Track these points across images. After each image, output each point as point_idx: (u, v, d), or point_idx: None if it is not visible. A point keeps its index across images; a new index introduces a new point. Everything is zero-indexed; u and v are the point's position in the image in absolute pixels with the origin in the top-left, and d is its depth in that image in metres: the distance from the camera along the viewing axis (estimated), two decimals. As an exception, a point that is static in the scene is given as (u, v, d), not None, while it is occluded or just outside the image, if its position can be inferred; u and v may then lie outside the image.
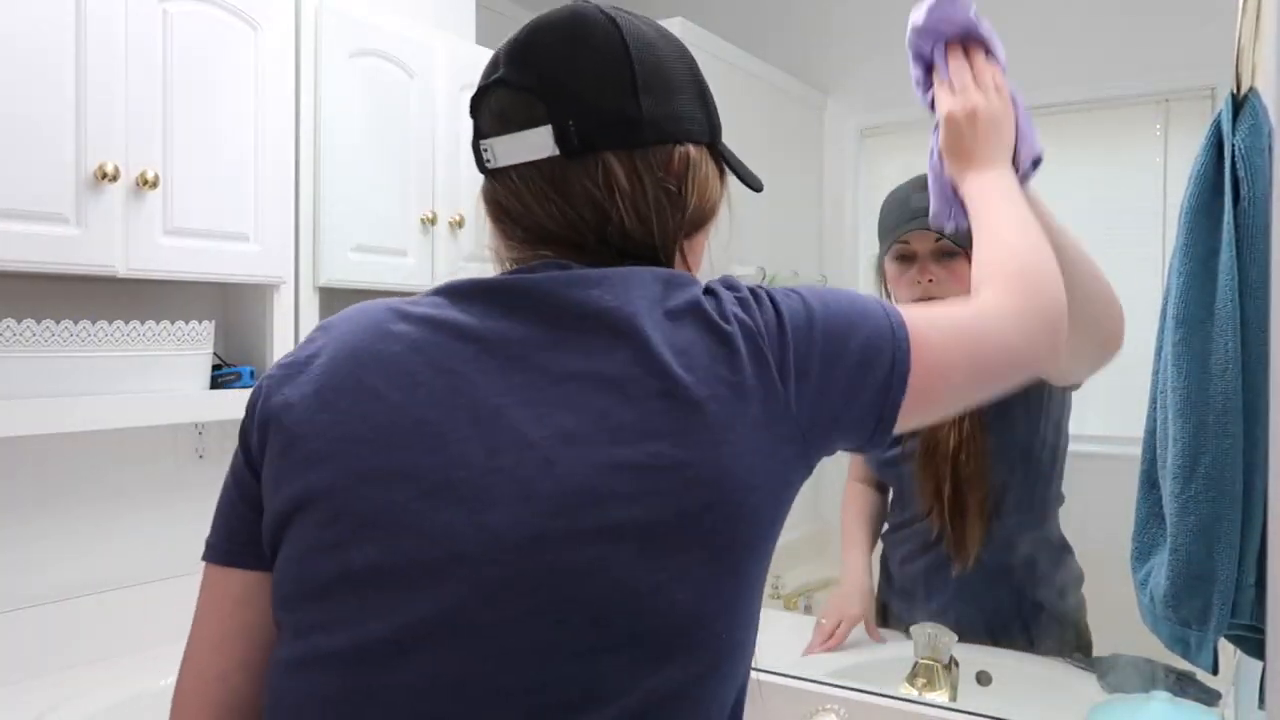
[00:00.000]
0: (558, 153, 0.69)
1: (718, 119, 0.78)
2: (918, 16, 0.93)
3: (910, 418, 0.70)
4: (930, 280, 1.37)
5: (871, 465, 1.51)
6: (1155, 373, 0.94)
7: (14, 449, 1.42)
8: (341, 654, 0.62)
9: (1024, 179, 0.91)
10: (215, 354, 1.53)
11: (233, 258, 1.49)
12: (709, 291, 0.69)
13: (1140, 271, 1.88)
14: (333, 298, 1.68)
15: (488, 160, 0.73)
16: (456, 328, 0.67)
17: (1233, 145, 0.83)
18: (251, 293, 1.60)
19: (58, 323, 1.28)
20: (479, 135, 0.74)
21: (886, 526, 1.52)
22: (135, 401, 1.37)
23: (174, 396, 1.42)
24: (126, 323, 1.36)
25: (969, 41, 0.93)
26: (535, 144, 0.70)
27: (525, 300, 0.67)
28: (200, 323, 1.46)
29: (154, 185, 1.34)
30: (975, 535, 1.35)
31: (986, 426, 1.34)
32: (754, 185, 0.81)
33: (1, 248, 1.20)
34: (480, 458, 0.62)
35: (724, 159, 0.78)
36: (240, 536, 0.70)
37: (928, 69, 0.95)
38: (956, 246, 1.36)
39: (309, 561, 0.64)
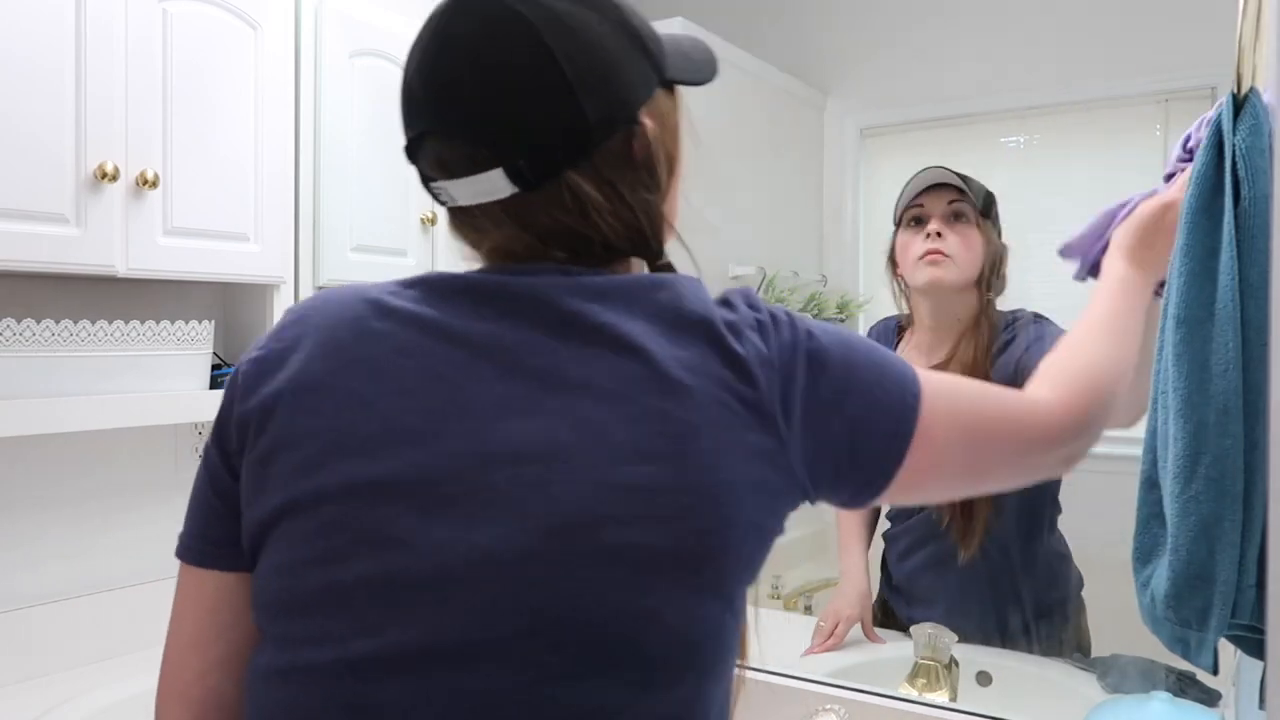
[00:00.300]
0: (517, 190, 0.65)
1: (658, 48, 0.71)
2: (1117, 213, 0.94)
3: (903, 490, 0.68)
4: (939, 235, 1.39)
5: None
6: (1155, 373, 0.94)
7: (14, 449, 1.42)
8: (327, 667, 0.60)
9: (1157, 292, 0.92)
10: (215, 354, 1.53)
11: (233, 258, 1.49)
12: (726, 303, 0.66)
13: (1140, 271, 1.89)
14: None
15: (445, 201, 0.69)
16: (445, 330, 0.63)
17: (1233, 145, 0.83)
18: (251, 293, 1.60)
19: (58, 323, 1.28)
20: (426, 179, 0.69)
21: (888, 525, 1.52)
22: (135, 401, 1.37)
23: (174, 396, 1.42)
24: (126, 323, 1.36)
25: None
26: (490, 187, 0.65)
27: (520, 304, 0.64)
28: (200, 323, 1.46)
29: (154, 185, 1.34)
30: (981, 523, 1.36)
31: None
32: (706, 77, 0.76)
33: (1, 248, 1.20)
34: (473, 472, 0.60)
35: (678, 82, 0.73)
36: (215, 536, 0.68)
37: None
38: (969, 210, 1.39)
39: (295, 574, 0.62)
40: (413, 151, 0.69)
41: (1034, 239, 2.08)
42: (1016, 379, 1.31)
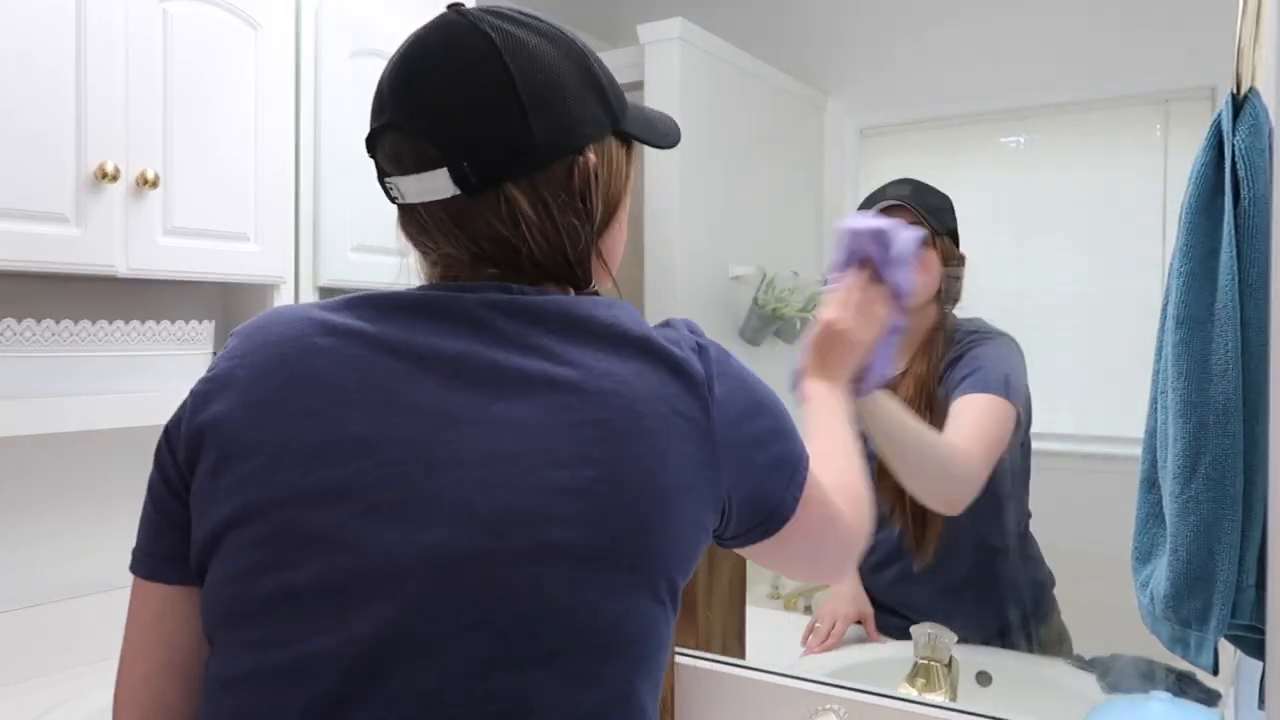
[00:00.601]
0: (459, 192, 0.69)
1: (618, 101, 0.76)
2: (849, 225, 1.05)
3: (779, 544, 0.74)
4: None
5: None
6: (1155, 373, 0.94)
7: (14, 449, 1.42)
8: (284, 668, 0.62)
9: (863, 392, 1.04)
10: (215, 354, 1.53)
11: (233, 258, 1.49)
12: (667, 324, 0.71)
13: (1140, 272, 1.88)
14: (333, 297, 1.68)
15: (395, 197, 0.74)
16: (388, 343, 0.67)
17: (1233, 145, 0.83)
18: (251, 293, 1.60)
19: (58, 322, 1.28)
20: (382, 174, 0.74)
21: None
22: (135, 401, 1.37)
23: (174, 396, 1.42)
24: (126, 323, 1.36)
25: (880, 270, 1.03)
26: (435, 186, 0.70)
27: (460, 319, 0.67)
28: (200, 323, 1.46)
29: (154, 185, 1.34)
30: (935, 530, 1.36)
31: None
32: (664, 145, 0.81)
33: (1, 248, 1.20)
34: (419, 476, 0.63)
35: (631, 135, 0.77)
36: (161, 552, 0.71)
37: (844, 265, 1.05)
38: (929, 234, 1.37)
39: (247, 579, 0.64)
40: (372, 144, 0.74)
41: (1033, 239, 2.08)
42: (946, 402, 1.33)
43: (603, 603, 0.63)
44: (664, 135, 0.81)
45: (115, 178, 1.29)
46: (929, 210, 1.42)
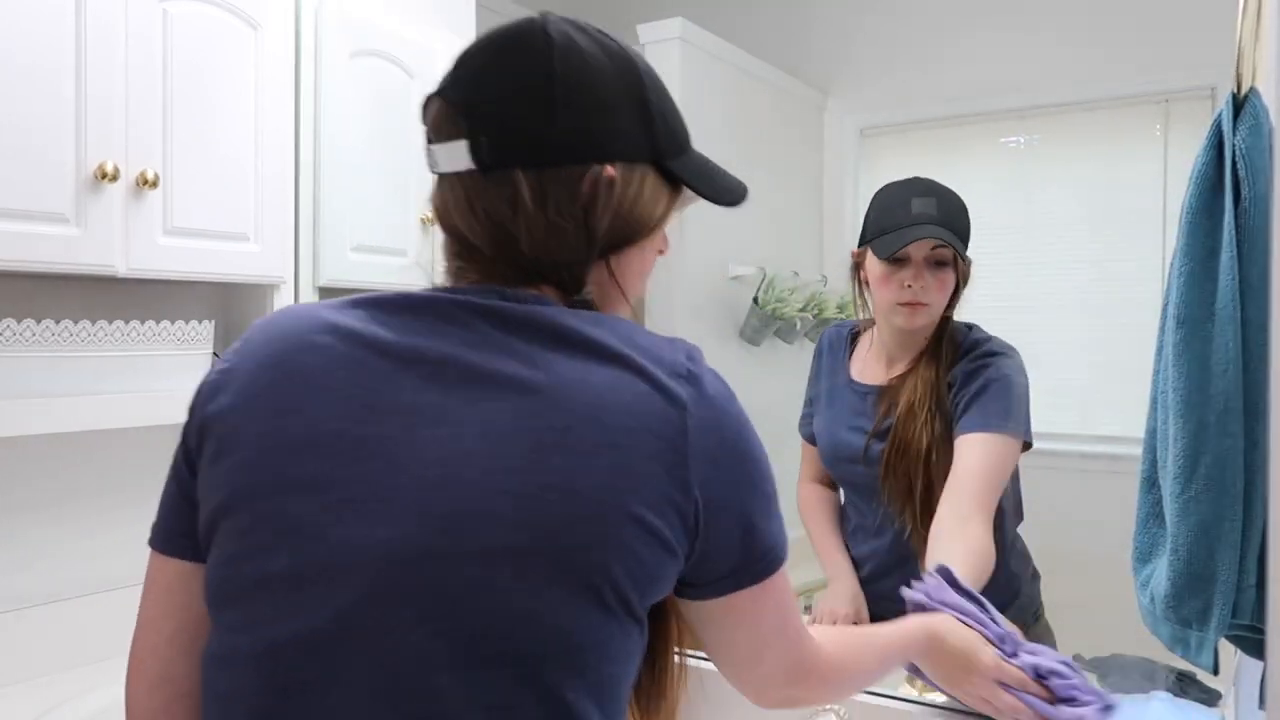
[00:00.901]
0: (474, 167, 0.72)
1: (670, 139, 0.77)
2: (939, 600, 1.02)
3: (716, 615, 0.74)
4: (921, 285, 1.36)
5: (826, 463, 1.50)
6: (1156, 373, 0.94)
7: (14, 448, 1.42)
8: (257, 653, 0.66)
9: (911, 674, 1.03)
10: (215, 354, 1.53)
11: (233, 258, 1.49)
12: (668, 343, 0.70)
13: (1140, 271, 1.89)
14: (332, 297, 1.68)
15: (431, 165, 0.77)
16: (377, 344, 0.69)
17: (1233, 145, 0.83)
18: (251, 293, 1.60)
19: (58, 323, 1.28)
20: (427, 140, 0.77)
21: (849, 535, 1.52)
22: (135, 401, 1.37)
23: (174, 396, 1.42)
24: (126, 323, 1.36)
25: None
26: (457, 157, 0.73)
27: (452, 322, 0.69)
28: (200, 323, 1.46)
29: (154, 185, 1.34)
30: None
31: (951, 429, 1.34)
32: (720, 201, 0.81)
33: (1, 248, 1.20)
34: (382, 473, 0.65)
35: (678, 177, 0.78)
36: (177, 528, 0.74)
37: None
38: (950, 256, 1.36)
39: (232, 565, 0.68)
40: (423, 111, 0.78)
41: (1033, 239, 2.08)
42: (953, 415, 1.31)
43: (546, 610, 0.63)
44: (720, 190, 0.81)
45: (115, 178, 1.29)
46: (961, 236, 1.37)
